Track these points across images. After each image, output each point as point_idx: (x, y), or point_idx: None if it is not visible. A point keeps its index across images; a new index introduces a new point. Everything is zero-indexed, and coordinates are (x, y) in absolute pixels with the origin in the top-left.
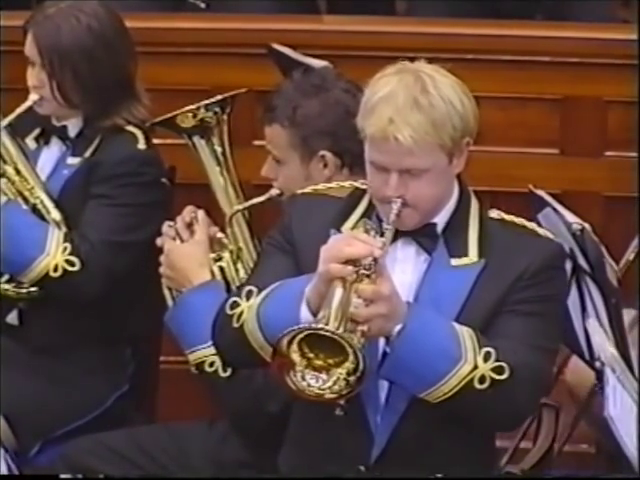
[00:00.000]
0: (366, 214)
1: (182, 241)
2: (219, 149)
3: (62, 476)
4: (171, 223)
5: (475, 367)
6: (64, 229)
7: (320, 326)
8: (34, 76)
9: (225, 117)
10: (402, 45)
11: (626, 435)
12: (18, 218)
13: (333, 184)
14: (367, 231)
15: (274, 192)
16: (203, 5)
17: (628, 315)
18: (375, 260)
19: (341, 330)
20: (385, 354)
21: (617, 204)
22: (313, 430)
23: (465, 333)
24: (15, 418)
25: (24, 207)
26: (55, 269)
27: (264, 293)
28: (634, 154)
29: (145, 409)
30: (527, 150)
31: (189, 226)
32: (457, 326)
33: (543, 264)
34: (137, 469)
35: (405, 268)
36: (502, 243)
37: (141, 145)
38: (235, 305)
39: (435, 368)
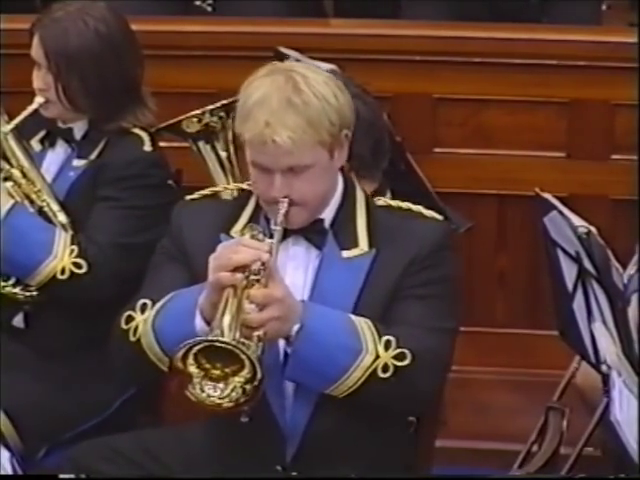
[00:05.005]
0: (254, 215)
1: None
2: (224, 154)
3: (61, 476)
4: None
5: (377, 357)
6: (71, 232)
7: (213, 338)
8: (40, 79)
9: (230, 122)
10: (409, 48)
11: (632, 439)
12: (25, 221)
13: (219, 187)
14: (253, 236)
15: None
16: (210, 8)
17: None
18: (264, 264)
19: (235, 339)
20: (287, 356)
21: (624, 207)
22: (226, 434)
23: (363, 324)
24: (21, 421)
25: (31, 210)
26: (62, 272)
27: (158, 305)
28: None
29: (152, 412)
30: (534, 153)
31: None
32: (355, 318)
33: (434, 246)
34: (143, 471)
35: (298, 265)
36: (391, 229)
37: (147, 147)
38: (130, 319)
39: (338, 363)
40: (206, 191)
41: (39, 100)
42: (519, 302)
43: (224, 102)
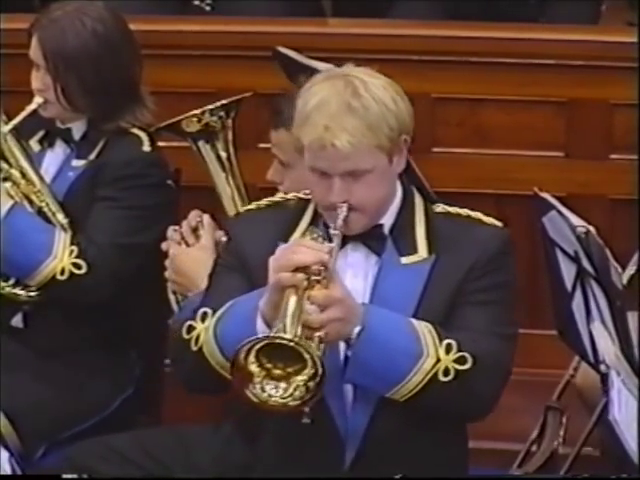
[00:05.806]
0: (313, 223)
1: (187, 245)
2: (224, 153)
3: (65, 476)
4: (176, 227)
5: (438, 360)
6: (70, 232)
7: (276, 335)
8: (38, 79)
9: (230, 121)
10: (407, 48)
11: (631, 439)
12: (25, 221)
13: (276, 197)
14: (314, 239)
15: None
16: (208, 8)
17: (633, 318)
18: (324, 265)
19: (297, 336)
20: (347, 358)
21: (622, 207)
22: (284, 440)
23: (424, 327)
24: (20, 421)
25: (30, 210)
26: (62, 272)
27: (219, 313)
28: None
29: (150, 412)
30: (532, 153)
31: (194, 230)
32: (415, 321)
33: (494, 252)
34: (142, 471)
35: (357, 272)
36: (450, 236)
37: (146, 147)
38: (191, 329)
39: (398, 366)
40: (262, 201)
41: (38, 100)
42: (517, 302)
43: (224, 102)
